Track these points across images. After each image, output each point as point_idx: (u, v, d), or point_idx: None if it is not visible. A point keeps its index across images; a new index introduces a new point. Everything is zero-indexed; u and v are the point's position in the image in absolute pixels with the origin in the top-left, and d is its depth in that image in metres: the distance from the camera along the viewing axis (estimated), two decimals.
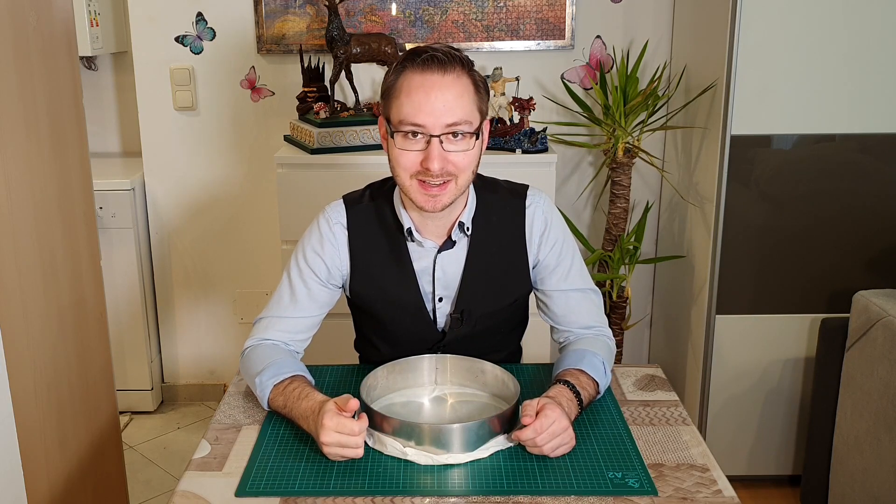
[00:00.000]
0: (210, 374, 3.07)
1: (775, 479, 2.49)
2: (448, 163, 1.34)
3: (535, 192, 1.53)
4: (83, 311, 1.76)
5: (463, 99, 1.34)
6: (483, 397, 1.41)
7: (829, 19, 2.12)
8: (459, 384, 1.43)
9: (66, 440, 1.66)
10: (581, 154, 2.82)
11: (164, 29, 2.74)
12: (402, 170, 1.37)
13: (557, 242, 1.50)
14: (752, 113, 2.19)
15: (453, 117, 1.32)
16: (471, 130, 1.35)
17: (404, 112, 1.33)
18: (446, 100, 1.32)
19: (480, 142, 1.40)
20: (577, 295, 1.52)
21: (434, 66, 1.32)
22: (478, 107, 1.37)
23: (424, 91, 1.32)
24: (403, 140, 1.35)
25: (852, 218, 2.25)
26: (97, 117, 3.00)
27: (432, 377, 1.44)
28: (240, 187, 2.88)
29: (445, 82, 1.32)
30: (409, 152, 1.35)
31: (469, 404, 1.39)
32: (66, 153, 1.68)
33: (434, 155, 1.32)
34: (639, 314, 2.93)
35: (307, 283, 1.48)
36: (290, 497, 1.15)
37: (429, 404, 1.40)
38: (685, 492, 1.15)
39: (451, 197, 1.38)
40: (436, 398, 1.41)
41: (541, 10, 2.67)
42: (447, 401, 1.40)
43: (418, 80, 1.32)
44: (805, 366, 2.36)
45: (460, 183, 1.37)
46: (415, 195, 1.37)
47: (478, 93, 1.37)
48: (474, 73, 1.37)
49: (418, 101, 1.32)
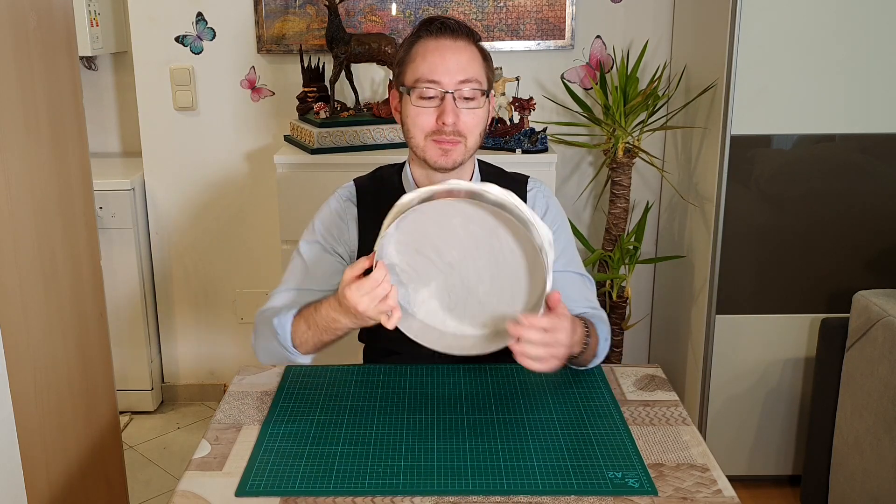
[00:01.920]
0: (210, 374, 3.07)
1: (775, 479, 2.49)
2: (459, 120, 1.44)
3: (537, 181, 1.63)
4: (83, 311, 1.76)
5: (473, 62, 1.47)
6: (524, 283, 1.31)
7: (829, 19, 2.12)
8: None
9: (66, 440, 1.66)
10: (581, 154, 2.82)
11: (164, 29, 2.74)
12: (417, 129, 1.46)
13: (556, 225, 1.57)
14: (752, 113, 2.19)
15: (465, 75, 1.44)
16: (481, 89, 1.46)
17: (420, 71, 1.45)
18: (459, 60, 1.45)
19: (488, 106, 1.50)
20: (574, 276, 1.57)
21: (446, 33, 1.46)
22: (486, 73, 1.49)
23: (440, 52, 1.45)
24: (419, 99, 1.45)
25: (852, 218, 2.25)
26: (97, 117, 3.00)
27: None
28: (240, 187, 2.88)
29: (457, 46, 1.46)
30: (425, 110, 1.45)
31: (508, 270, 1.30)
32: (66, 153, 1.68)
33: (449, 109, 1.43)
34: (639, 314, 2.93)
35: (319, 255, 1.54)
36: (290, 497, 1.15)
37: (465, 236, 1.29)
38: (685, 492, 1.15)
39: (461, 155, 1.47)
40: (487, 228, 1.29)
41: (541, 10, 2.67)
42: (495, 242, 1.29)
43: (433, 44, 1.46)
44: (805, 366, 2.37)
45: (469, 145, 1.48)
46: (429, 153, 1.47)
47: (485, 61, 1.50)
48: (482, 46, 1.51)
49: (434, 61, 1.44)
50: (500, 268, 1.29)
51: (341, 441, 1.28)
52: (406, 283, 1.31)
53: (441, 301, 1.32)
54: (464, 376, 1.47)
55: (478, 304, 1.31)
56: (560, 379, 1.47)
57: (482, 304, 1.31)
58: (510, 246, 1.27)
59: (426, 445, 1.26)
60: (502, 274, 1.29)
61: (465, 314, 1.32)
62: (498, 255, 1.28)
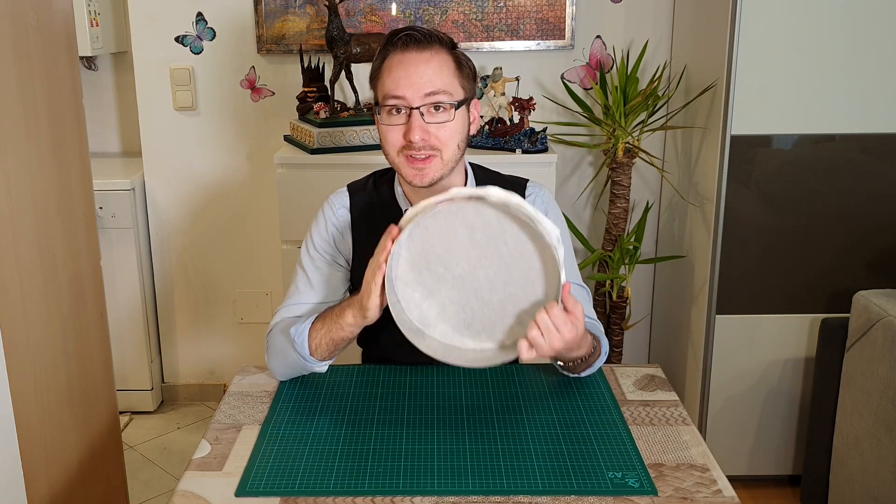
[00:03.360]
0: (210, 374, 3.07)
1: (775, 479, 2.49)
2: (430, 135, 1.39)
3: (536, 185, 1.59)
4: (83, 311, 1.76)
5: (442, 71, 1.39)
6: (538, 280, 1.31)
7: (829, 19, 2.12)
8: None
9: (66, 440, 1.66)
10: (581, 154, 2.82)
11: (164, 29, 2.74)
12: (389, 146, 1.42)
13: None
14: (752, 113, 2.19)
15: (432, 87, 1.38)
16: (451, 101, 1.39)
17: (387, 87, 1.40)
18: (424, 73, 1.38)
19: (464, 116, 1.43)
20: (575, 288, 1.53)
21: (412, 45, 1.39)
22: (459, 82, 1.42)
23: (404, 67, 1.39)
24: (388, 116, 1.41)
25: (852, 218, 2.25)
26: (97, 117, 3.00)
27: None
28: (240, 187, 2.88)
29: (423, 58, 1.39)
30: (393, 127, 1.40)
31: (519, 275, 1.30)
32: (66, 153, 1.68)
33: (415, 126, 1.37)
34: (639, 314, 2.93)
35: (320, 267, 1.53)
36: (290, 497, 1.15)
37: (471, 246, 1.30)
38: (685, 492, 1.15)
39: (437, 171, 1.41)
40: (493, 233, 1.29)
41: (541, 10, 2.67)
42: (502, 248, 1.29)
43: (398, 57, 1.40)
44: (805, 366, 2.36)
45: (446, 158, 1.41)
46: (403, 170, 1.42)
47: (459, 69, 1.42)
48: (457, 53, 1.43)
49: (398, 76, 1.38)
50: (512, 272, 1.27)
51: (341, 441, 1.28)
52: (420, 303, 1.30)
53: (458, 318, 1.30)
54: (464, 376, 1.47)
55: (494, 314, 1.29)
56: (560, 379, 1.47)
57: (498, 313, 1.29)
58: (518, 248, 1.26)
59: (426, 445, 1.26)
60: (514, 278, 1.28)
61: (484, 328, 1.30)
62: (507, 260, 1.27)
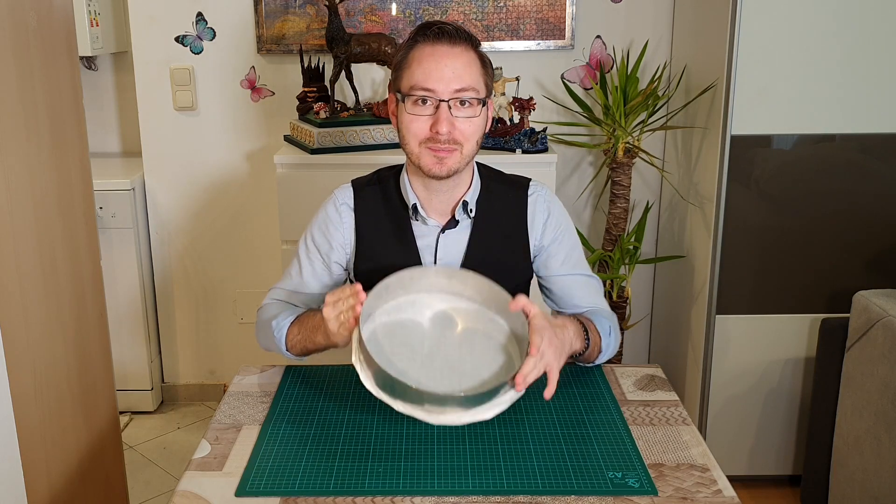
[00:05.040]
0: (210, 374, 3.07)
1: (775, 479, 2.49)
2: (455, 129, 1.41)
3: (538, 184, 1.60)
4: (83, 311, 1.76)
5: (471, 68, 1.42)
6: (499, 326, 1.36)
7: (829, 19, 2.12)
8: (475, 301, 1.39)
9: (66, 440, 1.66)
10: (581, 154, 2.82)
11: (164, 29, 2.74)
12: (411, 136, 1.43)
13: (560, 229, 1.57)
14: (752, 113, 2.19)
15: (461, 83, 1.40)
16: (477, 97, 1.42)
17: (416, 78, 1.41)
18: (455, 67, 1.40)
19: (485, 113, 1.46)
20: (580, 278, 1.57)
21: (444, 39, 1.41)
22: (484, 80, 1.45)
23: (435, 59, 1.40)
24: (414, 106, 1.42)
25: (852, 218, 2.25)
26: (97, 117, 3.00)
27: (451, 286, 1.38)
28: (240, 187, 2.88)
29: (454, 52, 1.41)
30: (419, 117, 1.42)
31: (481, 336, 1.34)
32: (66, 153, 1.68)
33: (443, 118, 1.39)
34: (639, 314, 2.93)
35: (313, 262, 1.57)
36: (290, 497, 1.15)
37: (430, 327, 1.34)
38: (685, 492, 1.15)
39: (457, 163, 1.43)
40: (442, 316, 1.36)
41: (541, 10, 2.67)
42: (456, 325, 1.35)
43: (429, 50, 1.41)
44: (805, 366, 2.37)
45: (465, 152, 1.44)
46: (424, 160, 1.43)
47: (484, 68, 1.45)
48: (481, 52, 1.46)
49: (429, 68, 1.40)
50: (474, 333, 1.35)
51: (341, 441, 1.28)
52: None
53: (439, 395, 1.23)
54: None
55: (470, 378, 1.28)
56: (560, 379, 1.46)
57: (474, 376, 1.28)
58: (468, 307, 1.37)
59: (426, 445, 1.26)
60: (478, 337, 1.34)
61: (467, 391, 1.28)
62: (465, 325, 1.35)
